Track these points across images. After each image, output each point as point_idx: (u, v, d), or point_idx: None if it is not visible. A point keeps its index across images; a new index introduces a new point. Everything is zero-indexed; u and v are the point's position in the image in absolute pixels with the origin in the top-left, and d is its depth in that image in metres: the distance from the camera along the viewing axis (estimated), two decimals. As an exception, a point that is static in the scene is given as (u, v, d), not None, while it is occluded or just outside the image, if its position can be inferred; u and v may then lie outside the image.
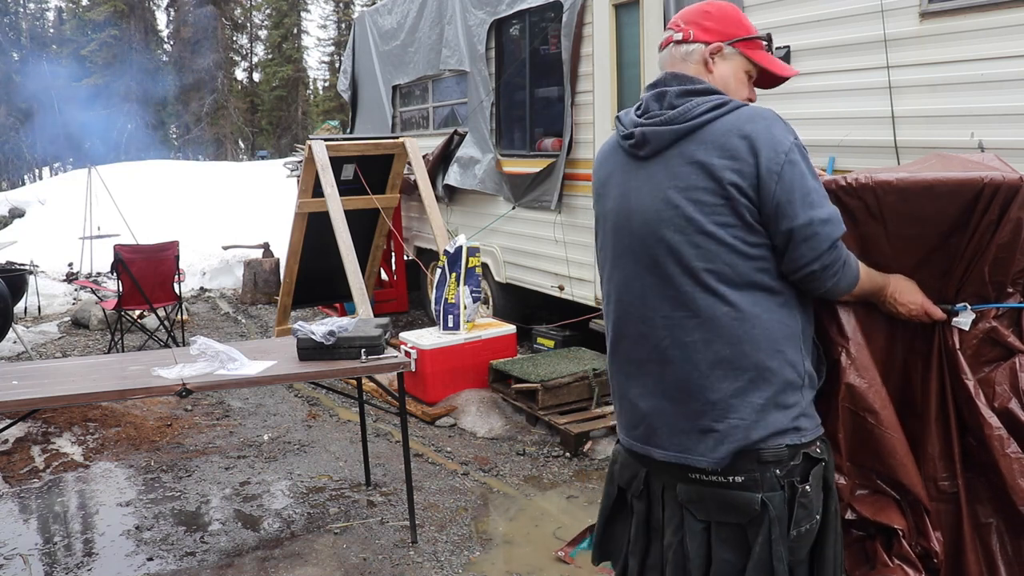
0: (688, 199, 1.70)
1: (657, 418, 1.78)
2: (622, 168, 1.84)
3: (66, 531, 3.81)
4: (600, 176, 1.92)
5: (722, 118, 1.71)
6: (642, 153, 1.78)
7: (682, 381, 1.73)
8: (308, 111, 42.51)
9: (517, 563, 3.42)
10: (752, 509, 1.68)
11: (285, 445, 4.79)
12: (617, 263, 1.84)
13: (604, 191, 1.89)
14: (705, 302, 1.70)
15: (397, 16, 7.95)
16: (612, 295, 1.87)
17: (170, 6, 42.79)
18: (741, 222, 1.67)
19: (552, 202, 5.81)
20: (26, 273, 7.75)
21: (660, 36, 5.06)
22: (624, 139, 1.83)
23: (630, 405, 1.84)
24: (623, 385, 1.86)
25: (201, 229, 12.27)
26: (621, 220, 1.82)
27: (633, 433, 1.84)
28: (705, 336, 1.70)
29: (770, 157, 1.65)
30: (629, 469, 1.90)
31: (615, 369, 1.89)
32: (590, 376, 4.95)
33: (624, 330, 1.83)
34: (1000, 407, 1.89)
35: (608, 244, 1.87)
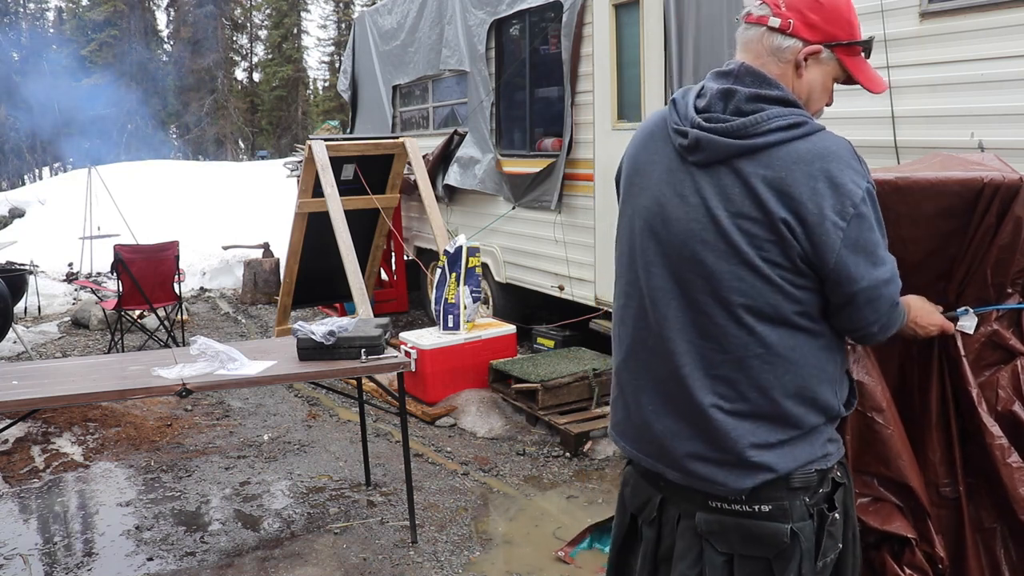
0: (736, 226, 1.50)
1: (673, 441, 1.61)
2: (667, 164, 1.60)
3: (66, 531, 3.81)
4: (638, 162, 1.67)
5: (793, 143, 1.49)
6: (692, 158, 1.55)
7: (702, 418, 1.56)
8: (308, 111, 42.52)
9: (517, 563, 3.42)
10: (781, 541, 1.53)
11: (285, 445, 4.79)
12: (646, 268, 1.63)
13: (640, 181, 1.65)
14: (738, 340, 1.53)
15: (397, 16, 7.95)
16: (634, 298, 1.66)
17: (170, 6, 42.80)
18: (790, 264, 1.49)
19: (552, 202, 5.81)
20: (26, 273, 7.75)
21: (659, 36, 4.96)
22: (677, 134, 1.58)
23: (641, 418, 1.67)
24: (632, 395, 1.69)
25: (201, 229, 12.27)
26: (653, 228, 1.61)
27: (644, 447, 1.67)
28: (731, 375, 1.54)
29: (838, 208, 1.46)
30: (641, 494, 1.73)
31: (625, 378, 1.71)
32: (590, 376, 4.95)
33: (641, 343, 1.65)
34: (1003, 410, 1.88)
35: (635, 243, 1.65)
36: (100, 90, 33.86)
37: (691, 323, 1.57)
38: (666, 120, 1.63)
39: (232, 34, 44.58)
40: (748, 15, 1.61)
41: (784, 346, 1.52)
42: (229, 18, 43.63)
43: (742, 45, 1.61)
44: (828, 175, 1.46)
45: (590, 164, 5.48)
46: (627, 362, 1.70)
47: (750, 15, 1.60)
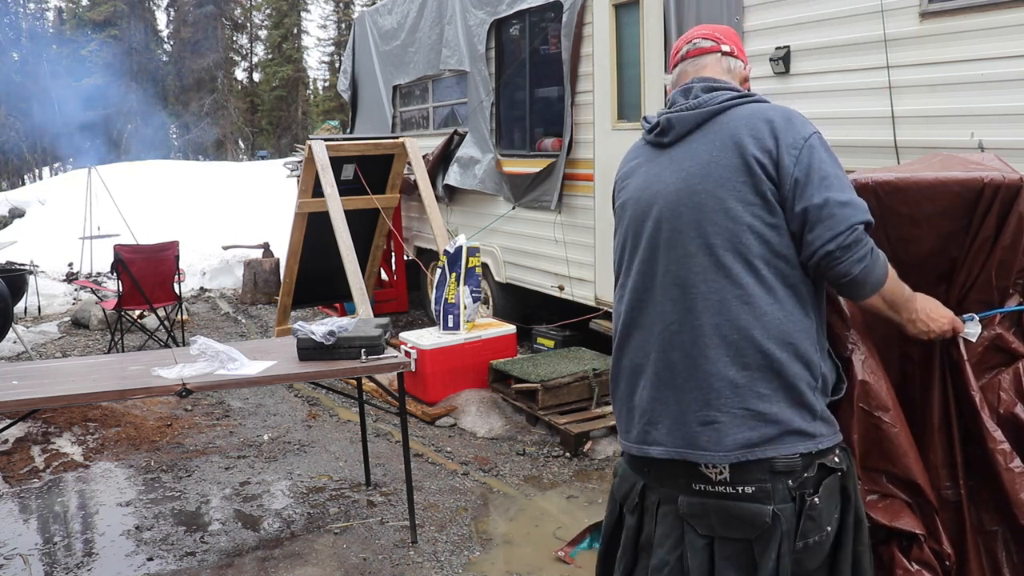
0: (709, 175, 1.69)
1: (658, 410, 1.70)
2: (646, 160, 1.87)
3: (66, 531, 3.81)
4: (622, 173, 1.94)
5: (745, 105, 1.75)
6: (667, 140, 1.81)
7: (689, 367, 1.66)
8: (308, 111, 42.51)
9: (517, 563, 3.42)
10: (762, 522, 1.59)
11: (285, 445, 4.79)
12: (634, 252, 1.82)
13: (624, 184, 1.91)
14: (717, 283, 1.65)
15: (397, 16, 7.95)
16: (627, 287, 1.84)
17: (170, 6, 42.80)
18: (762, 200, 1.65)
19: (552, 202, 5.81)
20: (26, 273, 7.75)
21: (659, 36, 4.99)
22: (649, 131, 1.87)
23: (634, 402, 1.78)
24: (628, 381, 1.81)
25: (201, 229, 12.27)
26: (640, 207, 1.82)
27: (630, 435, 1.78)
28: (714, 320, 1.65)
29: (790, 140, 1.66)
30: (627, 482, 1.83)
31: (622, 365, 1.83)
32: (590, 376, 4.95)
33: (635, 320, 1.79)
34: (1005, 413, 1.88)
35: (624, 234, 1.88)
36: (100, 90, 33.87)
37: (677, 279, 1.71)
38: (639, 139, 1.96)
39: (232, 34, 44.56)
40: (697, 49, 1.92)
41: (760, 288, 1.64)
42: (229, 18, 43.61)
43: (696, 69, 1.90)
44: (779, 118, 1.70)
45: (590, 164, 5.48)
46: (623, 349, 1.83)
47: (699, 48, 1.92)
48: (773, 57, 4.02)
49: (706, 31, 1.96)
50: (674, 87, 1.92)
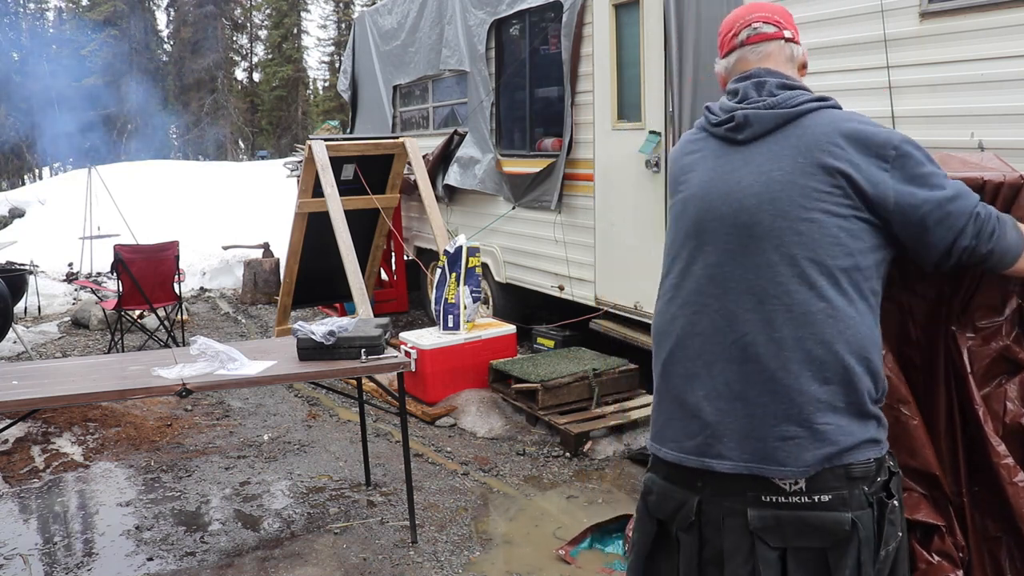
0: (794, 183, 1.62)
1: (727, 423, 1.60)
2: (712, 154, 1.75)
3: (66, 531, 3.81)
4: (682, 164, 1.81)
5: (826, 111, 1.68)
6: (741, 136, 1.71)
7: (766, 381, 1.58)
8: (308, 111, 42.52)
9: (517, 563, 3.42)
10: (841, 531, 1.53)
11: (285, 445, 4.79)
12: (696, 252, 1.71)
13: (686, 178, 1.78)
14: (801, 295, 1.58)
15: (397, 16, 7.95)
16: (682, 287, 1.72)
17: (170, 6, 42.81)
18: (848, 211, 1.60)
19: (552, 202, 5.81)
20: (26, 273, 7.74)
21: (659, 36, 4.98)
22: (718, 124, 1.75)
23: (689, 411, 1.65)
24: (681, 388, 1.68)
25: (201, 229, 12.27)
26: (708, 204, 1.71)
27: (687, 444, 1.64)
28: (797, 333, 1.57)
29: (880, 151, 1.62)
30: (672, 499, 1.69)
31: (673, 371, 1.71)
32: (590, 376, 4.95)
33: (696, 326, 1.67)
34: (1011, 423, 1.87)
35: (686, 232, 1.75)
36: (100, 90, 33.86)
37: (754, 289, 1.62)
38: (698, 128, 1.82)
39: (232, 34, 44.56)
40: (759, 35, 1.81)
41: (842, 301, 1.58)
42: (229, 18, 43.63)
43: (759, 57, 1.80)
44: (864, 125, 1.65)
45: (590, 164, 5.48)
46: (675, 354, 1.71)
47: (761, 34, 1.81)
48: (773, 57, 4.02)
49: (765, 13, 1.83)
50: (730, 75, 1.83)
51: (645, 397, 5.05)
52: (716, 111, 1.77)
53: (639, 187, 5.05)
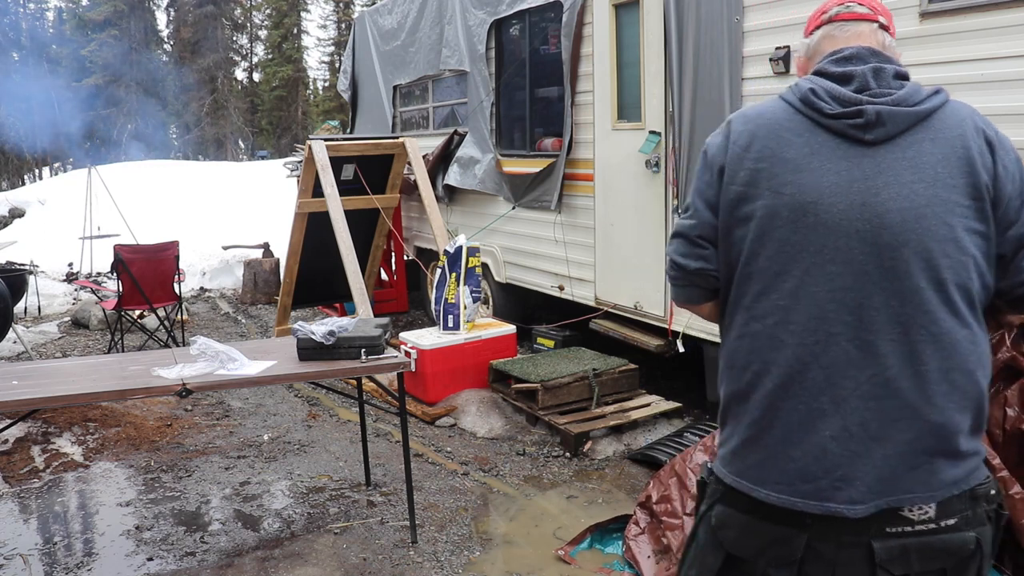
0: (938, 197, 1.44)
1: (859, 466, 1.45)
2: (831, 153, 1.49)
3: (66, 531, 3.81)
4: (781, 158, 1.52)
5: (949, 105, 1.51)
6: (870, 136, 1.47)
7: (909, 418, 1.44)
8: (308, 111, 42.53)
9: (517, 563, 3.42)
10: (967, 550, 1.46)
11: (285, 445, 4.79)
12: (815, 271, 1.47)
13: (793, 178, 1.50)
14: (947, 324, 1.44)
15: (397, 16, 7.96)
16: (794, 311, 1.49)
17: (170, 6, 42.81)
18: (984, 227, 1.46)
19: (552, 202, 5.81)
20: (26, 273, 7.75)
21: (659, 36, 4.96)
22: (836, 116, 1.49)
23: (809, 451, 1.47)
24: (799, 426, 1.48)
25: (201, 229, 12.27)
26: (836, 216, 1.46)
27: (803, 487, 1.47)
28: (943, 364, 1.44)
29: (1008, 156, 1.49)
30: (764, 536, 1.53)
31: (786, 406, 1.49)
32: (590, 376, 4.95)
33: (820, 357, 1.47)
34: (1011, 429, 1.87)
35: (799, 244, 1.48)
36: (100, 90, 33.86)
37: (897, 317, 1.44)
38: (792, 111, 1.55)
39: (232, 34, 44.57)
40: (850, 13, 1.64)
41: (980, 327, 1.49)
42: (229, 18, 43.64)
43: (847, 36, 1.62)
44: (990, 126, 1.51)
45: (590, 164, 5.48)
46: (791, 388, 1.49)
47: (853, 12, 1.64)
48: (773, 57, 4.03)
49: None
50: (813, 56, 1.66)
51: (645, 397, 5.05)
52: (826, 98, 1.51)
53: (639, 187, 5.05)
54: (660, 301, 4.98)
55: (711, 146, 1.62)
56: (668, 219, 4.85)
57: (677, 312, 4.85)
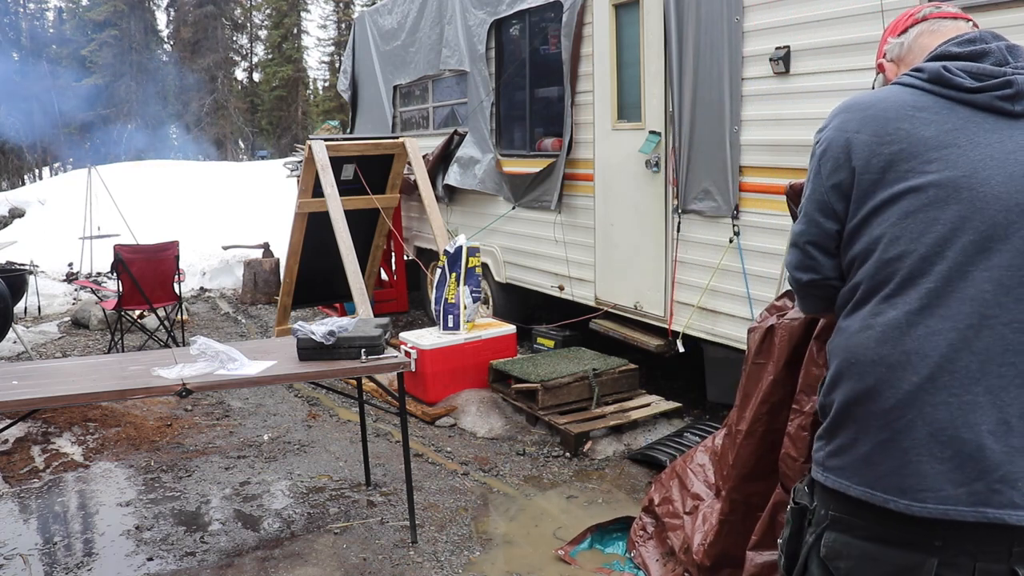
0: None
1: (1019, 463, 1.33)
2: (975, 126, 1.43)
3: (66, 531, 3.81)
4: (921, 136, 1.44)
5: None
6: (1020, 107, 1.43)
7: None
8: (308, 111, 42.52)
9: (517, 563, 3.42)
10: None
11: (285, 445, 4.79)
12: (975, 251, 1.38)
13: (939, 155, 1.42)
14: None
15: (397, 16, 7.96)
16: (948, 295, 1.38)
17: (170, 6, 42.82)
18: None
19: (552, 202, 5.81)
20: (26, 273, 7.74)
21: (659, 36, 4.96)
22: (978, 90, 1.43)
23: (963, 450, 1.34)
24: (949, 421, 1.35)
25: (201, 229, 12.27)
26: (996, 191, 1.38)
27: (955, 492, 1.33)
28: None
29: None
30: (887, 564, 1.39)
31: (932, 400, 1.37)
32: (590, 376, 4.95)
33: (973, 343, 1.36)
34: None
35: (953, 224, 1.39)
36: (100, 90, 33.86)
37: None
38: (924, 93, 1.48)
39: (232, 34, 44.58)
40: (944, 12, 1.64)
41: None
42: (229, 18, 43.64)
43: (954, 29, 1.61)
44: None
45: (590, 164, 5.48)
46: (938, 379, 1.37)
47: (946, 12, 1.64)
48: (773, 57, 4.03)
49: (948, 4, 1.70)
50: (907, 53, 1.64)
51: (645, 397, 5.05)
52: (962, 74, 1.45)
53: (639, 187, 5.05)
54: (660, 301, 4.98)
55: (824, 142, 1.54)
56: (668, 219, 4.85)
57: (677, 312, 4.85)
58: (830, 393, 1.50)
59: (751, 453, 2.70)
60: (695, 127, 4.53)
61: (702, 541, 2.94)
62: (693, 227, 4.68)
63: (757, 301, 4.27)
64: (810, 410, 2.43)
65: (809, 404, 2.44)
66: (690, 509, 3.14)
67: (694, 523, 3.05)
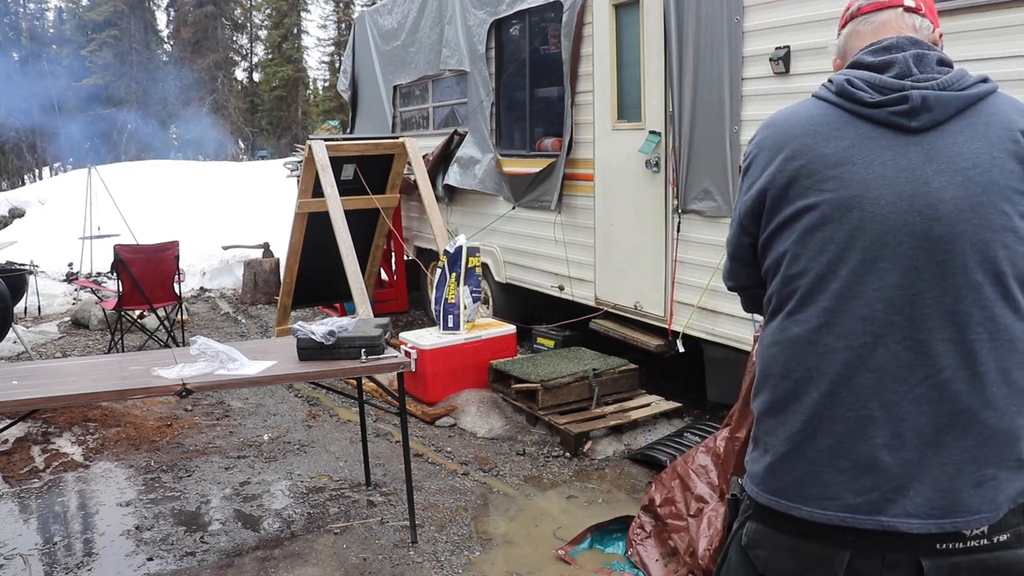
0: (994, 184, 1.37)
1: (914, 474, 1.37)
2: (875, 144, 1.42)
3: (66, 531, 3.81)
4: (821, 154, 1.44)
5: (997, 95, 1.44)
6: (915, 123, 1.40)
7: (967, 423, 1.36)
8: (308, 111, 42.54)
9: (517, 563, 3.42)
10: (1020, 568, 1.39)
11: (285, 445, 4.79)
12: (864, 270, 1.40)
13: (836, 173, 1.42)
14: (1006, 320, 1.36)
15: (397, 16, 7.96)
16: (842, 313, 1.41)
17: (170, 6, 42.83)
18: None
19: (552, 202, 5.81)
20: (26, 273, 7.74)
21: (659, 36, 4.97)
22: (878, 105, 1.42)
23: (859, 462, 1.39)
24: (846, 435, 1.40)
25: (201, 229, 12.27)
26: (885, 211, 1.39)
27: (853, 501, 1.39)
28: (1002, 364, 1.36)
29: None
30: (802, 555, 1.44)
31: (832, 414, 1.41)
32: (590, 376, 4.95)
33: (868, 361, 1.39)
34: None
35: (844, 243, 1.41)
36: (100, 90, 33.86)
37: (950, 315, 1.36)
38: (827, 104, 1.48)
39: (232, 34, 44.59)
40: (872, 4, 1.57)
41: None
42: (229, 18, 43.65)
43: (879, 25, 1.54)
44: None
45: (590, 164, 5.48)
46: (837, 395, 1.40)
47: (874, 2, 1.57)
48: (773, 57, 4.03)
49: None
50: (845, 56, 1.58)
51: (645, 397, 5.05)
52: (864, 87, 1.44)
53: (639, 187, 5.05)
54: (660, 301, 4.98)
55: (747, 158, 1.57)
56: (668, 219, 4.85)
57: (677, 312, 4.85)
58: (754, 401, 1.56)
59: None
60: (695, 127, 4.53)
61: (708, 546, 2.94)
62: (693, 227, 4.68)
63: (757, 301, 4.27)
64: None
65: None
66: (694, 512, 3.14)
67: (699, 527, 3.05)
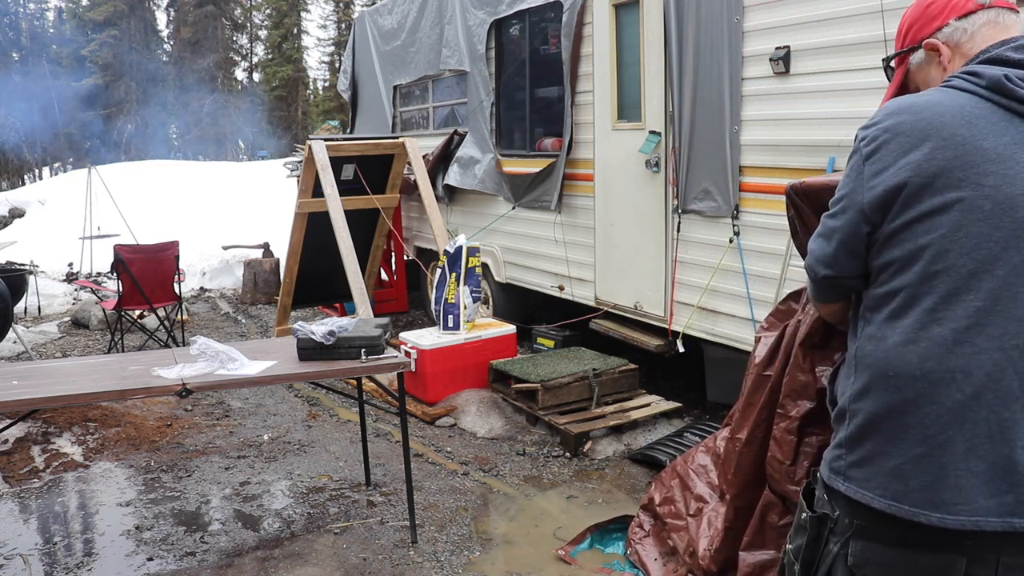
0: None
1: None
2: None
3: (66, 531, 3.81)
4: (980, 146, 1.40)
5: None
6: None
7: None
8: (308, 111, 42.54)
9: (517, 563, 3.42)
10: None
11: (285, 445, 4.79)
12: (1020, 270, 1.38)
13: (996, 168, 1.39)
14: None
15: (397, 16, 7.96)
16: (996, 313, 1.38)
17: (170, 6, 42.83)
18: None
19: (552, 202, 5.81)
20: (26, 273, 7.74)
21: (659, 36, 4.96)
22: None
23: (998, 465, 1.36)
24: (987, 438, 1.37)
25: (201, 229, 12.27)
26: None
27: (985, 504, 1.36)
28: None
29: None
30: (917, 568, 1.41)
31: (974, 417, 1.38)
32: (590, 376, 4.95)
33: (1017, 363, 1.37)
34: None
35: (1004, 241, 1.37)
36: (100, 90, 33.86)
37: None
38: (983, 101, 1.44)
39: (232, 34, 44.59)
40: (1004, 1, 1.56)
41: None
42: (229, 18, 43.66)
43: (1013, 24, 1.53)
44: None
45: (590, 164, 5.48)
46: (983, 398, 1.37)
47: (1006, 1, 1.55)
48: (773, 57, 4.03)
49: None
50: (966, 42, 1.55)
51: (645, 397, 5.05)
52: (1023, 84, 1.41)
53: (639, 187, 5.05)
54: (660, 301, 4.98)
55: (872, 142, 1.48)
56: (668, 219, 4.85)
57: (677, 312, 4.85)
58: (858, 401, 1.48)
59: (752, 461, 2.71)
60: (695, 127, 4.53)
61: (708, 546, 2.94)
62: (693, 227, 4.68)
63: (757, 301, 4.27)
64: (796, 414, 2.45)
65: (795, 408, 2.45)
66: (694, 511, 3.13)
67: (699, 526, 3.05)
